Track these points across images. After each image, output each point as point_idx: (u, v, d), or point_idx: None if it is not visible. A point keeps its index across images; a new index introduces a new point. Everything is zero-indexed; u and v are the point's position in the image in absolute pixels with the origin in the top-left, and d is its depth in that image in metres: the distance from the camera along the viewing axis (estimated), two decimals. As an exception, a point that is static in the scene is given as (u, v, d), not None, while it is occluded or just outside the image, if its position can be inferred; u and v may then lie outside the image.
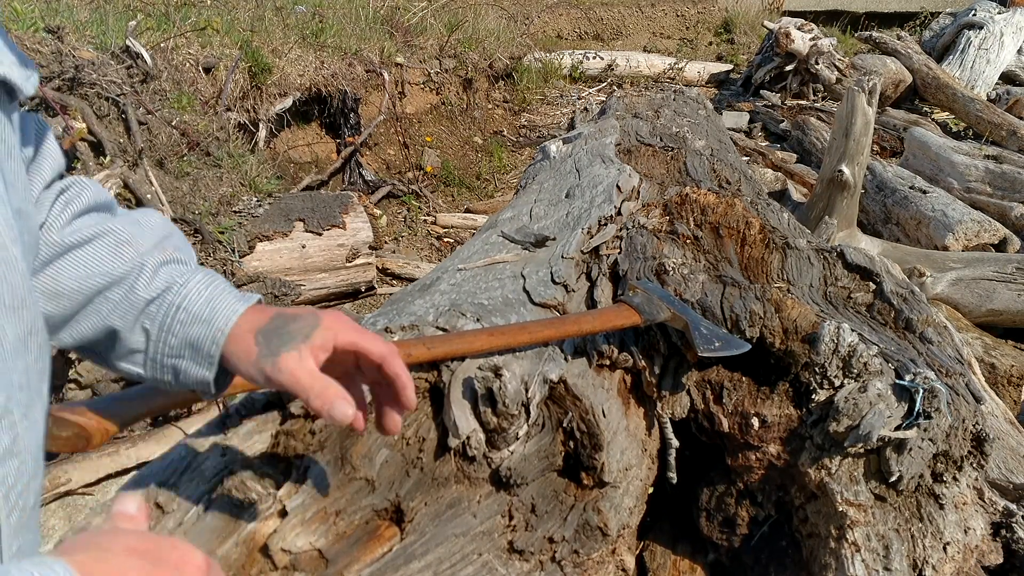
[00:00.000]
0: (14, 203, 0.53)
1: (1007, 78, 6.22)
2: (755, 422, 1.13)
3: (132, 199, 2.18)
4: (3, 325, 0.51)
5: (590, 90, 7.17)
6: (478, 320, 1.15)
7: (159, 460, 0.97)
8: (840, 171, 3.22)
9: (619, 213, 1.69)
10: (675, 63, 7.53)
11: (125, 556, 0.43)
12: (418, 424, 1.01)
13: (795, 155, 5.17)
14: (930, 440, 1.02)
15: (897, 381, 1.05)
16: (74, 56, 2.40)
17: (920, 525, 1.05)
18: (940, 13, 7.23)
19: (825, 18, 8.32)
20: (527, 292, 1.27)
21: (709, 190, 1.66)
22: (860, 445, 1.01)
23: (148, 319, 0.69)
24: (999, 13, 6.25)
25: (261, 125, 3.93)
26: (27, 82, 0.56)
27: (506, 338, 1.00)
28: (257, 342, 0.69)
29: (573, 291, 1.31)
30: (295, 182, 4.21)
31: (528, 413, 1.01)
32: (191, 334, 0.69)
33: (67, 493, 2.23)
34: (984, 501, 1.12)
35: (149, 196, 2.18)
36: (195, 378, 0.71)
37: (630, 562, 1.14)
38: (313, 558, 0.87)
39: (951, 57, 6.20)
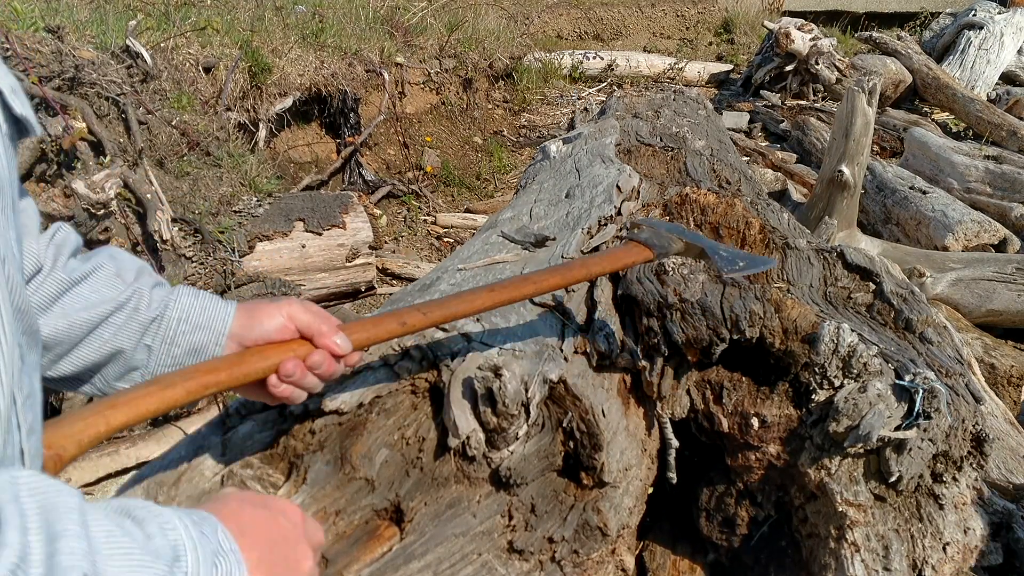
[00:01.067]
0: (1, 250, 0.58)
1: (1007, 78, 6.22)
2: (755, 422, 1.13)
3: (132, 199, 2.18)
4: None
5: (590, 90, 7.17)
6: (478, 320, 1.15)
7: (159, 459, 0.97)
8: (840, 171, 3.22)
9: (619, 213, 1.69)
10: (675, 63, 7.53)
11: (240, 504, 0.53)
12: (418, 424, 1.01)
13: (795, 155, 5.17)
14: (930, 440, 1.02)
15: (897, 381, 1.05)
16: (74, 56, 2.40)
17: (920, 525, 1.05)
18: (940, 13, 7.24)
19: (825, 18, 8.32)
20: (527, 292, 1.27)
21: (709, 190, 1.66)
22: (860, 445, 1.01)
23: (151, 336, 0.78)
24: (999, 13, 6.25)
25: (261, 125, 3.93)
26: (36, 123, 0.61)
27: (509, 292, 0.92)
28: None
29: (573, 291, 1.31)
30: (295, 182, 4.21)
31: (528, 413, 1.01)
32: (195, 341, 0.79)
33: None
34: (984, 501, 1.12)
35: (149, 196, 2.18)
36: None
37: (630, 562, 1.14)
38: (313, 558, 0.87)
39: (951, 57, 6.20)
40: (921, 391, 1.02)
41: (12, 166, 0.58)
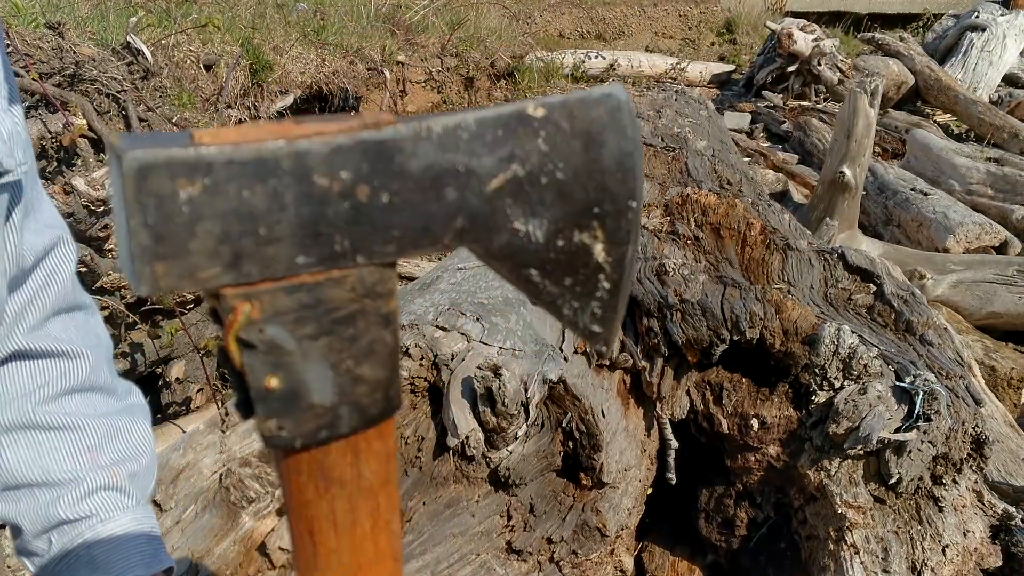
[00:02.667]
0: None
1: (1009, 80, 6.21)
2: (754, 423, 1.13)
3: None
4: None
5: (591, 90, 7.15)
6: (478, 319, 1.15)
7: (157, 457, 0.97)
8: (842, 173, 3.21)
9: (620, 213, 1.69)
10: (677, 63, 7.53)
11: None
12: (417, 424, 1.01)
13: (796, 156, 5.16)
14: (930, 442, 1.02)
15: (897, 383, 1.05)
16: (75, 52, 2.40)
17: (919, 527, 1.04)
18: (943, 15, 7.23)
19: (828, 19, 8.31)
20: (527, 292, 1.27)
21: (710, 191, 1.66)
22: (860, 447, 1.01)
23: (57, 534, 0.66)
24: (1002, 15, 6.24)
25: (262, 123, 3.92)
26: (7, 156, 0.54)
27: None
28: None
29: (573, 291, 1.31)
30: (296, 180, 4.20)
31: (527, 413, 1.01)
32: (79, 574, 0.66)
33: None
34: (983, 504, 1.12)
35: (149, 193, 2.18)
36: None
37: (628, 563, 1.14)
38: (311, 557, 0.87)
39: (953, 59, 6.19)
40: (921, 393, 1.02)
41: None
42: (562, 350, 1.13)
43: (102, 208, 1.89)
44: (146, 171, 0.25)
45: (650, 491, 1.24)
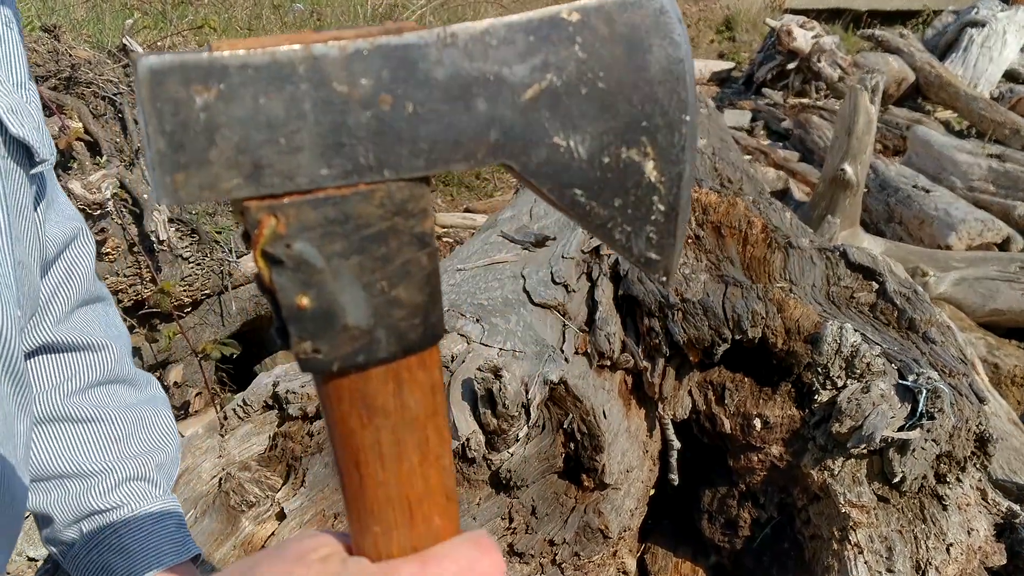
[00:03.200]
0: (17, 255, 0.52)
1: (1010, 76, 6.20)
2: (757, 423, 1.12)
3: (129, 199, 2.17)
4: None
5: (591, 89, 7.13)
6: (478, 320, 1.14)
7: (155, 462, 0.96)
8: (843, 170, 3.21)
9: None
10: (676, 61, 7.51)
11: None
12: (417, 426, 1.01)
13: (797, 154, 5.15)
14: (933, 441, 1.01)
15: (900, 381, 1.04)
16: (70, 55, 2.39)
17: (923, 526, 1.04)
18: (943, 11, 7.21)
19: (827, 16, 8.30)
20: (527, 292, 1.26)
21: (711, 189, 1.65)
22: (863, 446, 1.00)
23: (87, 523, 0.67)
24: (1002, 11, 6.23)
25: (261, 124, 3.92)
26: (43, 145, 0.54)
27: None
28: None
29: (574, 291, 1.30)
30: (295, 181, 4.20)
31: (528, 414, 1.00)
32: (110, 561, 0.66)
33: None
34: (987, 502, 1.11)
35: (146, 196, 2.17)
36: None
37: (631, 565, 1.13)
38: (310, 562, 0.86)
39: (954, 55, 6.18)
40: (924, 391, 1.01)
41: (8, 199, 0.49)
42: (563, 351, 1.12)
43: (99, 212, 1.88)
44: (160, 76, 0.24)
45: (652, 492, 1.24)
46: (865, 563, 1.02)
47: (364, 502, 0.31)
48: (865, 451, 1.02)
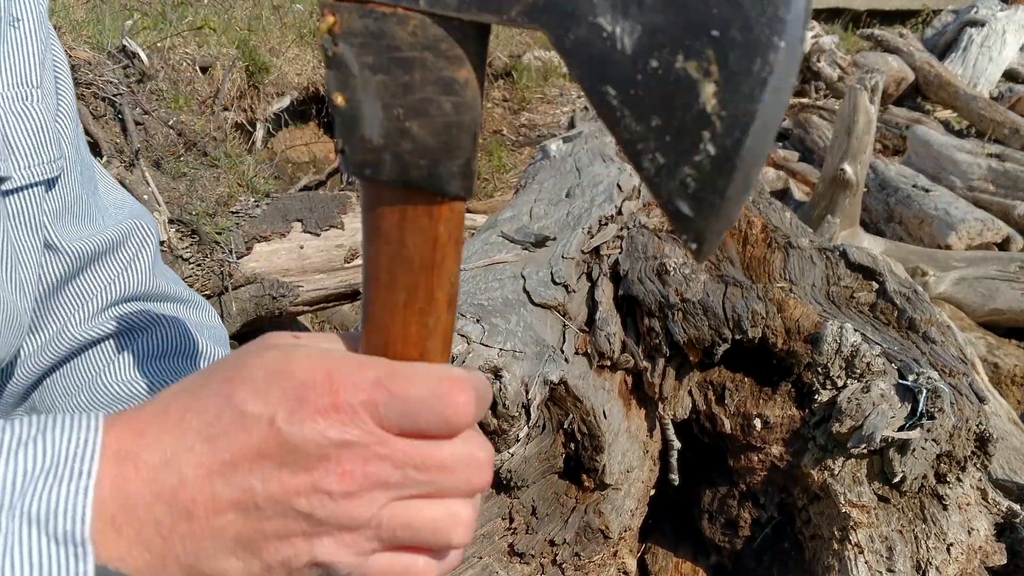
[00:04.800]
0: None
1: (1010, 76, 6.20)
2: (757, 423, 1.12)
3: (130, 199, 2.18)
4: None
5: (590, 89, 7.13)
6: (478, 321, 1.14)
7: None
8: (842, 170, 3.21)
9: (620, 212, 1.68)
10: (675, 61, 7.51)
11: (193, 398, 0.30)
12: (417, 426, 1.01)
13: (797, 154, 5.15)
14: (933, 441, 1.01)
15: (900, 381, 1.04)
16: (70, 56, 2.39)
17: (924, 526, 1.04)
18: (942, 11, 7.22)
19: (826, 16, 8.30)
20: (527, 292, 1.26)
21: (710, 189, 1.65)
22: (863, 446, 1.00)
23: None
24: (1001, 11, 6.23)
25: (258, 125, 3.92)
26: (44, 151, 0.51)
27: None
28: None
29: (574, 291, 1.30)
30: (293, 182, 4.20)
31: (528, 415, 1.00)
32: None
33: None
34: (988, 502, 1.11)
35: (146, 197, 2.17)
36: None
37: (632, 565, 1.13)
38: (310, 563, 0.86)
39: (953, 55, 6.18)
40: (924, 391, 1.01)
41: None
42: (563, 351, 1.12)
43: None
44: None
45: (653, 492, 1.24)
46: (865, 563, 1.02)
47: (364, 300, 0.33)
48: (865, 451, 1.02)
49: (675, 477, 1.21)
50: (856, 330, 1.10)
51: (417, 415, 0.30)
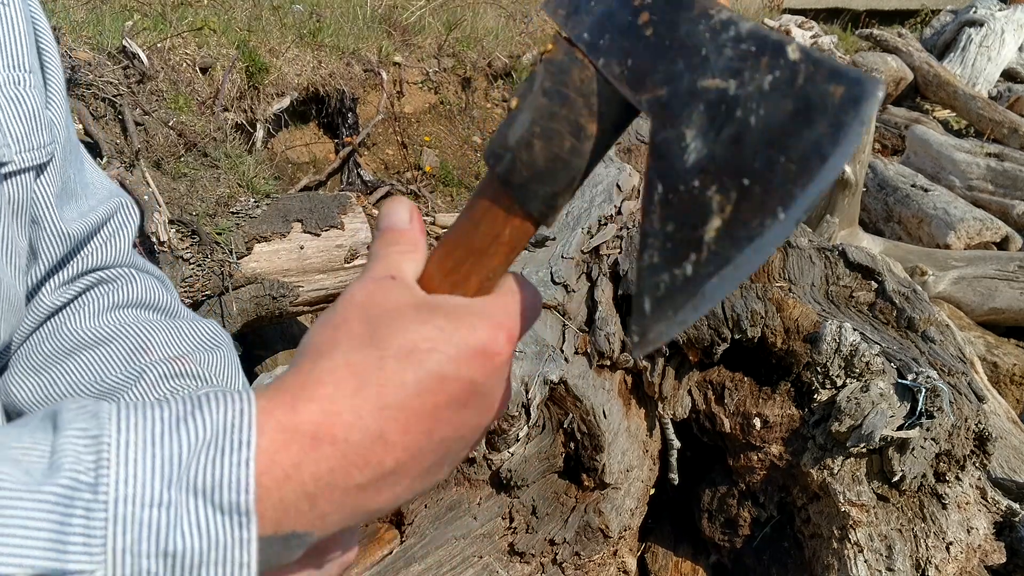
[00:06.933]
0: None
1: (1008, 75, 6.20)
2: (757, 422, 1.13)
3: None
4: None
5: (589, 89, 7.13)
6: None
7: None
8: (841, 169, 3.21)
9: (619, 212, 1.69)
10: (674, 61, 7.51)
11: (400, 376, 0.31)
12: (417, 426, 1.01)
13: (795, 153, 5.15)
14: (932, 440, 1.01)
15: (899, 380, 1.04)
16: (70, 57, 2.39)
17: (923, 525, 1.04)
18: (941, 11, 7.22)
19: (826, 16, 8.30)
20: (527, 292, 1.26)
21: (709, 189, 1.65)
22: (862, 445, 1.01)
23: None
24: (1000, 11, 6.24)
25: (258, 125, 3.92)
26: (32, 136, 0.50)
27: None
28: None
29: (573, 291, 1.30)
30: (293, 183, 4.20)
31: (528, 414, 1.00)
32: None
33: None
34: (987, 500, 1.11)
35: (146, 197, 2.17)
36: None
37: (632, 564, 1.13)
38: (311, 562, 0.86)
39: (952, 55, 6.19)
40: (923, 390, 1.01)
41: None
42: (563, 351, 1.12)
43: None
44: None
45: (652, 491, 1.24)
46: (865, 562, 1.02)
47: (448, 237, 0.39)
48: (864, 450, 1.02)
49: (675, 476, 1.21)
50: (855, 329, 1.11)
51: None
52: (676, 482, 1.22)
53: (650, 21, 0.33)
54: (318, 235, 2.95)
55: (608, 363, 1.17)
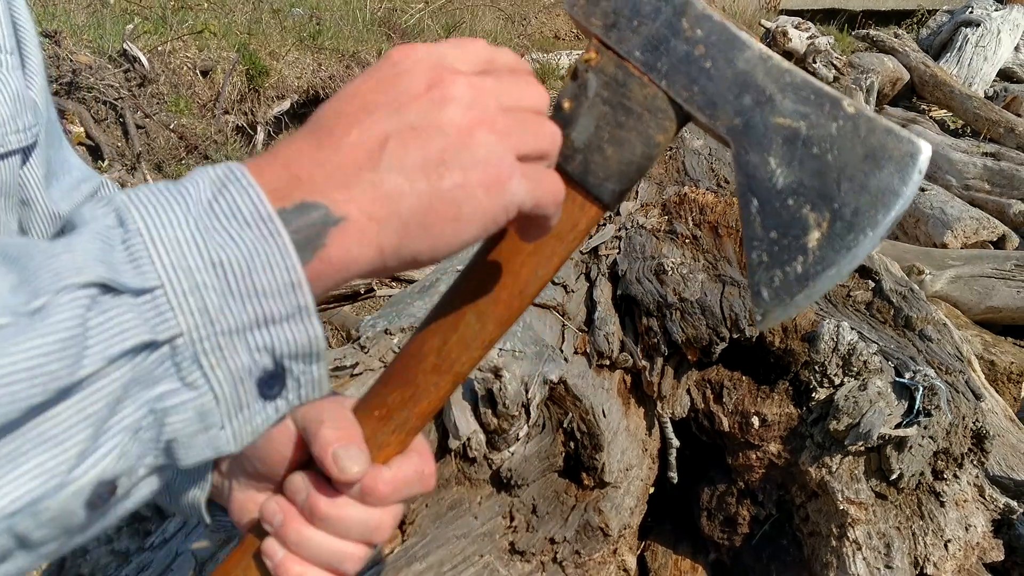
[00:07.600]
0: None
1: (1004, 75, 6.22)
2: (755, 421, 1.13)
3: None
4: None
5: (588, 90, 7.13)
6: (477, 321, 1.15)
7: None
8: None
9: (618, 213, 1.69)
10: (673, 63, 7.51)
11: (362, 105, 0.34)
12: (418, 426, 1.01)
13: (793, 154, 5.17)
14: (930, 438, 1.02)
15: (897, 379, 1.05)
16: (72, 60, 2.40)
17: (921, 523, 1.05)
18: (937, 11, 7.24)
19: (822, 16, 8.32)
20: (526, 293, 1.27)
21: (707, 189, 1.66)
22: (860, 443, 1.01)
23: None
24: (996, 11, 6.26)
25: (259, 128, 3.93)
26: (17, 118, 0.49)
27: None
28: None
29: (572, 291, 1.31)
30: (294, 184, 4.20)
31: (528, 414, 1.01)
32: None
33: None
34: (985, 498, 1.12)
35: (147, 200, 2.18)
36: None
37: (631, 562, 1.14)
38: (314, 561, 0.87)
39: (948, 55, 6.21)
40: (921, 389, 1.02)
41: None
42: (562, 351, 1.13)
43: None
44: None
45: (652, 490, 1.24)
46: (863, 559, 1.03)
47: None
48: (862, 448, 1.03)
49: (674, 475, 1.22)
50: (853, 328, 1.11)
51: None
52: (675, 481, 1.23)
53: (707, 55, 0.38)
54: (318, 237, 2.96)
55: (607, 363, 1.18)
